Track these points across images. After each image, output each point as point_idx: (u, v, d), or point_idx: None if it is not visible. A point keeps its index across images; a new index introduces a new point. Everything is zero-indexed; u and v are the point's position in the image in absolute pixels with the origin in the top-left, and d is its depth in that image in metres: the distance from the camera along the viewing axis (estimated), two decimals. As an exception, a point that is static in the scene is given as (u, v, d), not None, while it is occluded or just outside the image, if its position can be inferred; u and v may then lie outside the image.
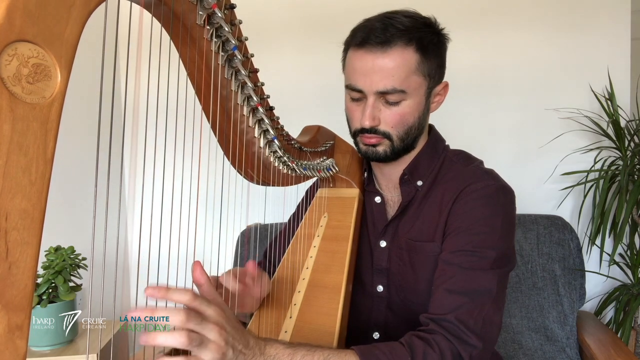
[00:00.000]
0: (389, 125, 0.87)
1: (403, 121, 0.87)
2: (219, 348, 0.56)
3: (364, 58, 0.83)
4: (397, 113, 0.86)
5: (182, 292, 0.55)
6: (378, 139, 0.89)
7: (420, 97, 0.87)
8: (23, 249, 0.39)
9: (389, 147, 0.90)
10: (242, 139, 0.78)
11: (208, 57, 0.65)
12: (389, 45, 0.82)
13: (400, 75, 0.82)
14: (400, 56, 0.82)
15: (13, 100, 0.38)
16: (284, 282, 0.94)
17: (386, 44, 0.82)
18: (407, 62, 0.83)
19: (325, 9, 1.86)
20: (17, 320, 0.39)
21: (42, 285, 1.21)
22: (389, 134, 0.88)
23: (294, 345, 0.68)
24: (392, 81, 0.82)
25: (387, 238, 0.95)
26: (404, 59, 0.82)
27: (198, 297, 0.57)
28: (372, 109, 0.86)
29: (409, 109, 0.86)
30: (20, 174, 0.39)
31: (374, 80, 0.83)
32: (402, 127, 0.88)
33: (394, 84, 0.83)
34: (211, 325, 0.55)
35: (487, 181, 0.87)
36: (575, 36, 1.77)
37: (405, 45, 0.82)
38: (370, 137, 0.89)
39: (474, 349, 0.74)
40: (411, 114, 0.87)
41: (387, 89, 0.83)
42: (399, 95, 0.84)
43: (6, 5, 0.36)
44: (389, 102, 0.85)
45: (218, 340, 0.56)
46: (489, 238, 0.82)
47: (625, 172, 1.54)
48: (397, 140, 0.89)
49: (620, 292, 1.68)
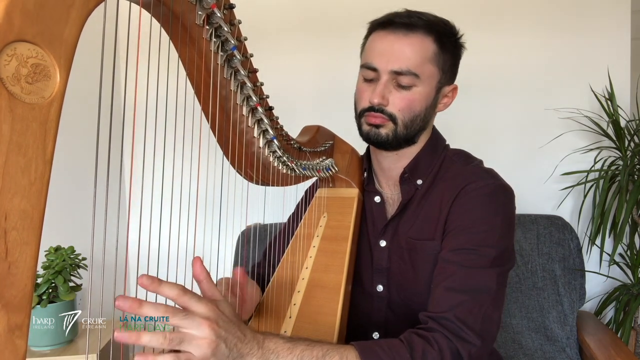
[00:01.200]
0: (396, 108, 0.88)
1: (411, 107, 0.88)
2: (209, 342, 0.56)
3: (386, 38, 0.87)
4: (407, 97, 0.88)
5: (171, 286, 0.56)
6: (383, 119, 0.89)
7: (430, 87, 0.89)
8: (22, 249, 0.39)
9: (392, 131, 0.90)
10: (242, 139, 0.78)
11: (207, 57, 0.65)
12: (411, 30, 0.86)
13: (416, 59, 0.85)
14: (420, 42, 0.86)
15: (12, 100, 0.38)
16: (283, 282, 0.94)
17: (409, 27, 0.86)
18: (425, 49, 0.86)
19: (326, 9, 1.86)
20: (17, 320, 0.39)
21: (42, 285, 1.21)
22: (395, 116, 0.89)
23: (294, 339, 0.68)
24: (408, 63, 0.85)
25: (387, 237, 0.95)
26: (422, 45, 0.86)
27: (187, 292, 0.57)
28: (384, 87, 0.87)
29: (418, 96, 0.88)
30: (20, 174, 0.39)
31: (390, 60, 0.86)
32: (409, 113, 0.89)
33: (409, 65, 0.85)
34: (199, 320, 0.55)
35: (486, 180, 0.87)
36: (575, 36, 1.77)
37: (426, 34, 0.86)
38: (375, 116, 0.89)
39: (473, 347, 0.74)
40: (419, 101, 0.88)
41: (401, 69, 0.85)
42: (411, 78, 0.86)
43: (5, 5, 0.36)
44: (400, 85, 0.87)
45: (208, 334, 0.56)
46: (488, 237, 0.82)
47: (625, 172, 1.54)
48: (402, 125, 0.89)
49: (620, 292, 1.68)
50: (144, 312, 0.53)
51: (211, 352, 0.56)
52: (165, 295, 0.55)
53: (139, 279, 0.53)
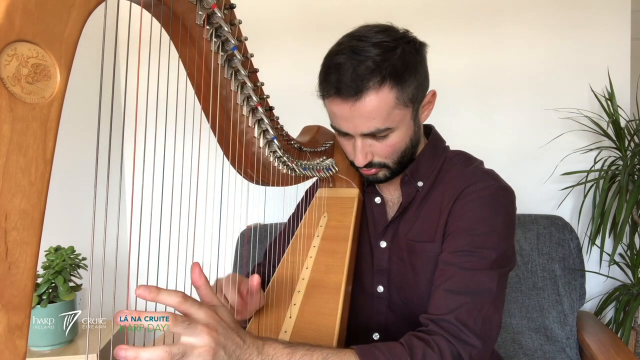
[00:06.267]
0: (382, 157, 0.88)
1: (395, 150, 0.88)
2: (209, 350, 0.55)
3: (341, 106, 0.82)
4: (388, 145, 0.86)
5: (171, 294, 0.55)
6: (376, 169, 0.91)
7: (407, 124, 0.86)
8: (23, 249, 0.39)
9: (389, 172, 0.92)
10: (242, 139, 0.78)
11: (208, 57, 0.65)
12: (361, 93, 0.79)
13: (380, 115, 0.81)
14: (376, 98, 0.80)
15: (12, 100, 0.38)
16: (283, 282, 0.94)
17: (358, 92, 0.79)
18: (384, 102, 0.80)
19: (326, 9, 1.86)
20: (17, 320, 0.39)
21: (42, 285, 1.21)
22: (385, 163, 0.90)
23: (293, 344, 0.68)
24: (375, 123, 0.82)
25: (387, 238, 0.95)
26: (380, 101, 0.80)
27: (188, 299, 0.56)
28: (362, 147, 0.86)
29: (398, 139, 0.86)
30: (20, 174, 0.39)
31: (357, 125, 0.83)
32: (396, 155, 0.89)
33: (377, 124, 0.82)
34: (200, 327, 0.55)
35: (487, 181, 0.87)
36: (575, 36, 1.77)
37: (379, 87, 0.79)
38: (367, 170, 0.91)
39: (474, 349, 0.74)
40: (402, 141, 0.87)
41: (371, 130, 0.83)
42: (385, 131, 0.84)
43: (6, 5, 0.36)
44: (377, 137, 0.86)
45: (208, 342, 0.55)
46: (489, 238, 0.82)
47: (625, 172, 1.54)
48: (394, 165, 0.90)
49: (620, 292, 1.68)
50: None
51: (211, 358, 0.56)
52: (165, 304, 0.55)
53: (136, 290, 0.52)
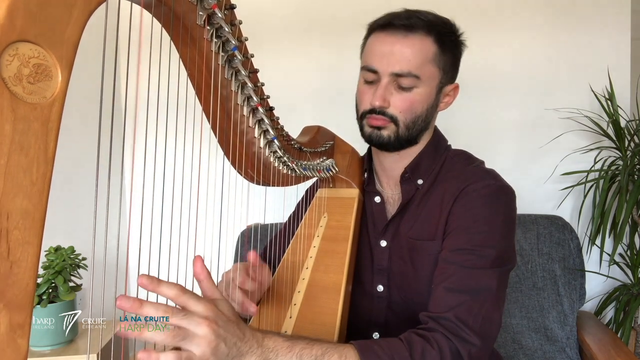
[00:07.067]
0: (397, 110, 0.88)
1: (412, 108, 0.88)
2: (209, 342, 0.56)
3: (385, 40, 0.87)
4: (408, 99, 0.88)
5: (170, 286, 0.56)
6: (385, 121, 0.89)
7: (431, 88, 0.89)
8: (24, 249, 0.39)
9: (394, 133, 0.90)
10: (242, 139, 0.78)
11: (208, 57, 0.65)
12: (410, 31, 0.85)
13: (417, 60, 0.85)
14: (420, 43, 0.85)
15: (14, 100, 0.38)
16: (283, 282, 0.94)
17: (408, 29, 0.85)
18: (425, 50, 0.86)
19: (326, 10, 1.86)
20: (19, 319, 0.39)
21: (42, 285, 1.21)
22: (397, 118, 0.89)
23: (293, 338, 0.68)
24: (408, 65, 0.85)
25: (388, 237, 0.96)
26: (422, 46, 0.86)
27: (186, 292, 0.57)
28: (384, 90, 0.87)
29: (419, 97, 0.88)
30: (22, 174, 0.39)
31: (390, 62, 0.86)
32: (410, 114, 0.89)
33: (410, 67, 0.85)
34: (198, 319, 0.56)
35: (487, 181, 0.87)
36: (575, 36, 1.77)
37: (425, 34, 0.86)
38: (377, 118, 0.89)
39: (473, 347, 0.75)
40: (421, 102, 0.88)
41: (402, 71, 0.85)
42: (412, 80, 0.86)
43: (7, 5, 0.37)
44: (401, 87, 0.87)
45: (207, 334, 0.56)
46: (489, 237, 0.82)
47: (625, 172, 1.54)
48: (403, 126, 0.90)
49: (620, 292, 1.68)
50: (145, 312, 0.53)
51: (210, 351, 0.56)
52: (164, 295, 0.55)
53: (139, 278, 0.53)
